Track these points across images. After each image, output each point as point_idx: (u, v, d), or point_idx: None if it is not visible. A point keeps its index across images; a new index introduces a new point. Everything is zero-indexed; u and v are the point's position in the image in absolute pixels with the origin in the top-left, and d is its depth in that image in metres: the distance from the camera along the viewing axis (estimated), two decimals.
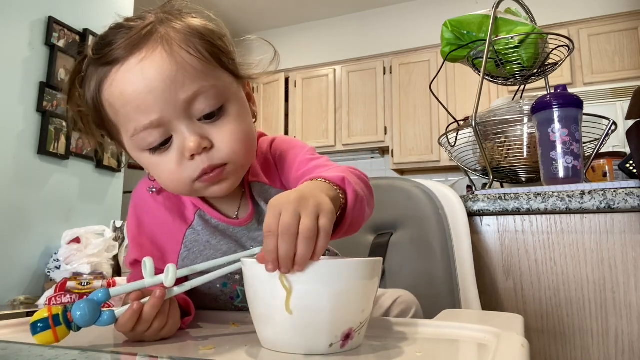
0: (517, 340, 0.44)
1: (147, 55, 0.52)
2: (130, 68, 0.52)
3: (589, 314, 0.90)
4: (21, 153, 2.09)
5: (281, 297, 0.41)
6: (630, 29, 3.38)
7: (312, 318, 0.41)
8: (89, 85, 0.56)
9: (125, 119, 0.54)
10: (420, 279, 0.91)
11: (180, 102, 0.53)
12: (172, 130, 0.54)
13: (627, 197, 0.87)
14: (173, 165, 0.55)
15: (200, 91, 0.54)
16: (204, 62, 0.55)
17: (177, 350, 0.47)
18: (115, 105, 0.54)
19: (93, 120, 0.58)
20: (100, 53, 0.54)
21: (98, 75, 0.54)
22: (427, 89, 3.76)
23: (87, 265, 1.92)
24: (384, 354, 0.45)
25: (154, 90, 0.52)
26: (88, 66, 0.56)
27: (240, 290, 0.67)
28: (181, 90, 0.53)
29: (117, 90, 0.53)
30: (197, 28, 0.57)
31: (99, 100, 0.55)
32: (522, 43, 1.15)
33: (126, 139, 0.56)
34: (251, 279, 0.44)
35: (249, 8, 4.32)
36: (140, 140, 0.54)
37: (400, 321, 0.57)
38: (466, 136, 1.23)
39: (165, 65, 0.52)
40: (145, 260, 0.50)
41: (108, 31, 0.56)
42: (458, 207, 0.94)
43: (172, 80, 0.52)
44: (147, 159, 0.57)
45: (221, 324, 0.60)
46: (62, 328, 0.44)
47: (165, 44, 0.53)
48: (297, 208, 0.42)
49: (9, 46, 2.07)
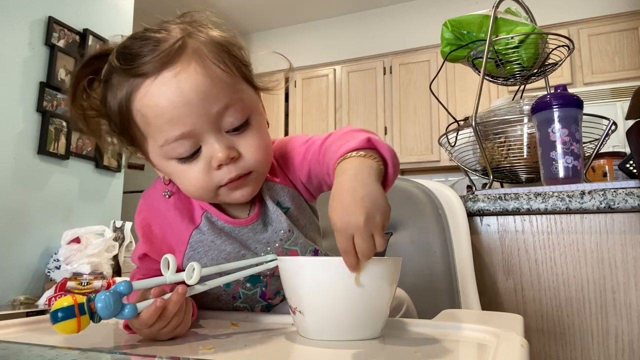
0: (516, 340, 0.44)
1: (181, 70, 0.54)
2: (166, 81, 0.54)
3: (589, 314, 0.90)
4: (21, 153, 2.09)
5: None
6: (630, 29, 3.38)
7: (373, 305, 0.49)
8: (115, 92, 0.57)
9: (157, 129, 0.55)
10: (420, 279, 0.91)
11: (212, 115, 0.55)
12: (201, 141, 0.56)
13: (627, 197, 0.87)
14: (200, 174, 0.57)
15: (230, 104, 0.56)
16: (233, 76, 0.58)
17: (177, 350, 0.46)
18: (147, 116, 0.55)
19: (115, 125, 0.59)
20: (130, 64, 0.55)
21: (130, 85, 0.55)
22: (427, 89, 3.76)
23: (87, 265, 1.92)
24: (383, 354, 0.45)
25: (188, 103, 0.54)
26: (112, 74, 0.57)
27: (242, 292, 0.68)
28: (214, 103, 0.55)
29: (151, 102, 0.54)
30: (223, 42, 0.60)
31: (128, 109, 0.56)
32: (522, 43, 1.15)
33: (153, 148, 0.58)
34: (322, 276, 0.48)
35: (249, 8, 4.32)
36: (170, 151, 0.56)
37: (400, 321, 0.57)
38: (466, 136, 1.23)
39: (199, 80, 0.54)
40: (168, 257, 0.51)
41: (132, 41, 0.57)
42: (458, 207, 0.94)
43: (206, 94, 0.55)
44: (173, 167, 0.58)
45: (221, 324, 0.60)
46: (86, 318, 0.44)
47: (198, 59, 0.55)
48: (369, 231, 0.46)
49: (9, 46, 2.07)
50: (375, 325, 0.50)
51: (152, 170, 0.65)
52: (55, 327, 0.43)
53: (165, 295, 0.50)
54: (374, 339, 0.49)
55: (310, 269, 0.49)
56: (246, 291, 0.68)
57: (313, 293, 0.48)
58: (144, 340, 0.50)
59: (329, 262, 0.50)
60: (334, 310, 0.48)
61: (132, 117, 0.56)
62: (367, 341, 0.48)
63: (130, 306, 0.47)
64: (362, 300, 0.48)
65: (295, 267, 0.50)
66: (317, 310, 0.49)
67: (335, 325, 0.48)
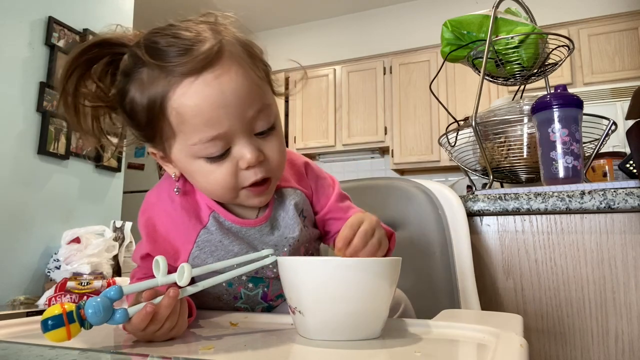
0: (516, 340, 0.44)
1: (223, 73, 0.55)
2: (208, 83, 0.54)
3: (589, 314, 0.90)
4: (21, 153, 2.09)
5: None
6: (630, 29, 3.38)
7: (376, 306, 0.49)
8: (145, 87, 0.56)
9: (192, 129, 0.55)
10: (420, 279, 0.91)
11: (247, 119, 0.57)
12: (232, 142, 0.57)
13: (627, 197, 0.87)
14: (227, 174, 0.58)
15: (262, 109, 0.58)
16: (264, 82, 0.61)
17: (176, 350, 0.46)
18: (184, 115, 0.55)
19: (133, 119, 0.59)
20: (165, 61, 0.55)
21: (167, 83, 0.55)
22: (427, 89, 3.76)
23: (87, 265, 1.92)
24: (383, 354, 0.45)
25: (228, 105, 0.55)
26: (139, 67, 0.57)
27: (243, 292, 0.68)
28: (250, 107, 0.57)
29: (191, 101, 0.54)
30: (249, 47, 0.61)
31: (162, 106, 0.56)
32: (522, 43, 1.15)
33: (181, 146, 0.58)
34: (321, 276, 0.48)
35: (250, 8, 4.32)
36: (201, 150, 0.57)
37: (400, 321, 0.57)
38: (466, 136, 1.23)
39: (240, 83, 0.56)
40: (159, 259, 0.50)
41: (160, 37, 0.56)
42: (458, 208, 0.94)
43: (245, 98, 0.56)
44: (199, 165, 0.58)
45: (221, 324, 0.60)
46: (75, 325, 0.44)
47: (237, 63, 0.57)
48: (374, 227, 0.58)
49: (9, 46, 2.07)
50: (375, 325, 0.50)
51: (152, 171, 0.65)
52: (46, 335, 0.43)
53: (159, 297, 0.49)
54: (373, 339, 0.49)
55: (310, 269, 0.49)
56: (248, 292, 0.68)
57: (313, 293, 0.48)
58: (142, 341, 0.50)
59: (329, 262, 0.50)
60: (333, 310, 0.48)
61: (166, 114, 0.56)
62: (367, 341, 0.48)
63: (121, 311, 0.46)
64: (362, 301, 0.48)
65: (295, 267, 0.50)
66: (317, 310, 0.48)
67: (335, 325, 0.48)
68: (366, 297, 0.48)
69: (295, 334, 0.52)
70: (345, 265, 0.48)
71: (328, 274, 0.48)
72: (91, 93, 0.61)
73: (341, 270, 0.47)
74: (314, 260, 0.52)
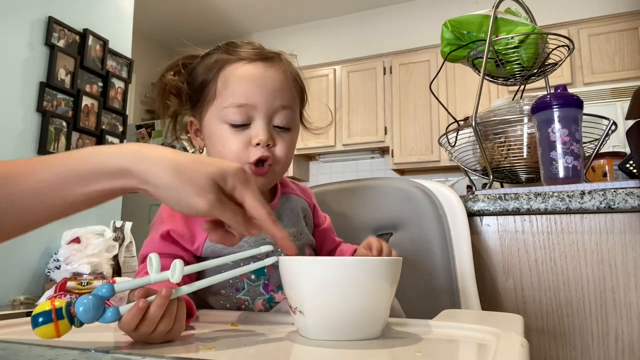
0: (516, 340, 0.44)
1: (272, 66, 0.71)
2: (257, 67, 0.70)
3: (589, 314, 0.90)
4: (21, 153, 2.09)
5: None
6: (630, 29, 3.38)
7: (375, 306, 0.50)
8: (208, 62, 0.73)
9: (230, 93, 0.69)
10: (420, 279, 0.91)
11: (273, 105, 0.69)
12: (253, 119, 0.69)
13: (627, 197, 0.87)
14: (240, 144, 0.68)
15: (287, 107, 0.71)
16: (297, 94, 0.75)
17: (177, 350, 0.46)
18: (229, 81, 0.70)
19: (195, 84, 0.73)
20: (232, 49, 0.72)
21: (225, 60, 0.71)
22: (427, 89, 3.76)
23: (87, 265, 1.91)
24: (383, 354, 0.45)
25: (264, 86, 0.69)
26: (212, 53, 0.74)
27: (246, 282, 0.69)
28: (280, 98, 0.70)
29: (238, 72, 0.70)
30: (301, 78, 0.79)
31: (216, 73, 0.71)
32: (522, 43, 1.15)
33: (215, 109, 0.70)
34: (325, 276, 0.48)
35: (249, 8, 4.32)
36: (229, 114, 0.69)
37: (400, 321, 0.57)
38: (466, 136, 1.23)
39: (281, 78, 0.71)
40: (152, 256, 0.50)
41: (239, 42, 0.74)
42: (458, 207, 0.94)
43: (279, 89, 0.70)
44: (222, 130, 0.70)
45: (221, 323, 0.60)
46: (65, 322, 0.43)
47: (284, 70, 0.73)
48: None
49: (9, 46, 2.07)
50: (376, 325, 0.50)
51: None
52: (35, 331, 0.42)
53: (153, 296, 0.48)
54: (374, 339, 0.49)
55: (311, 268, 0.49)
56: (250, 282, 0.69)
57: (314, 293, 0.48)
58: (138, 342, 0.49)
59: (329, 261, 0.50)
60: (334, 310, 0.48)
61: (216, 79, 0.71)
62: (367, 341, 0.48)
63: (112, 309, 0.45)
64: (363, 300, 0.48)
65: (296, 267, 0.50)
66: (318, 310, 0.48)
67: (335, 325, 0.48)
68: (367, 296, 0.48)
69: (295, 334, 0.52)
70: (346, 265, 0.48)
71: (329, 273, 0.48)
72: (175, 83, 0.76)
73: (342, 270, 0.47)
74: (314, 259, 0.52)
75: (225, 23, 4.53)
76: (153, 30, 4.53)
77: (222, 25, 4.55)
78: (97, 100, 2.46)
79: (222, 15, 4.39)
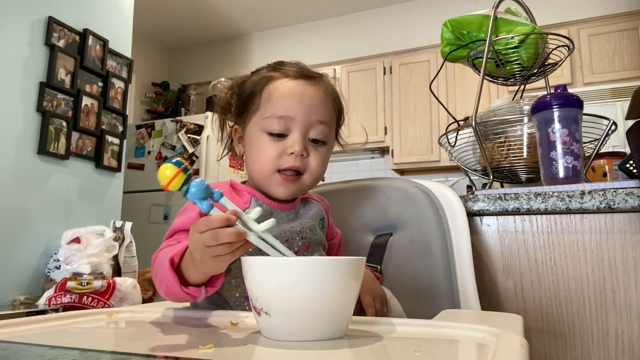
0: (516, 340, 0.44)
1: (313, 84, 0.77)
2: (299, 84, 0.77)
3: (589, 314, 0.90)
4: (21, 153, 2.09)
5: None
6: (630, 29, 3.38)
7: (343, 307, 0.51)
8: (256, 77, 0.79)
9: (272, 105, 0.75)
10: (420, 279, 0.91)
11: (309, 120, 0.75)
12: (290, 131, 0.75)
13: (627, 197, 0.87)
14: (275, 152, 0.74)
15: (323, 122, 0.77)
16: (334, 112, 0.81)
17: (177, 350, 0.46)
18: (272, 94, 0.76)
19: (243, 96, 0.80)
20: (279, 67, 0.79)
21: (272, 77, 0.78)
22: (427, 89, 3.76)
23: (87, 265, 1.91)
24: (383, 354, 0.45)
25: (303, 101, 0.75)
26: (261, 70, 0.81)
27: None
28: (317, 114, 0.76)
29: (281, 87, 0.76)
30: (341, 99, 0.84)
31: (262, 87, 0.77)
32: (522, 43, 1.15)
33: (257, 118, 0.76)
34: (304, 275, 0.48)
35: (249, 8, 4.32)
36: (269, 124, 0.75)
37: (400, 321, 0.57)
38: (466, 136, 1.23)
39: (320, 95, 0.77)
40: (257, 208, 0.56)
41: (287, 62, 0.81)
42: (458, 208, 0.94)
43: (317, 105, 0.76)
44: (262, 138, 0.75)
45: (221, 323, 0.60)
46: (182, 177, 0.49)
47: (325, 90, 0.79)
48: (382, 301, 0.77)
49: (9, 46, 2.07)
50: (342, 324, 0.51)
51: (152, 171, 0.66)
52: (162, 166, 0.49)
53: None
54: (374, 339, 0.49)
55: (275, 268, 0.49)
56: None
57: (280, 294, 0.48)
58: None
59: (294, 261, 0.50)
60: (300, 310, 0.48)
61: (262, 92, 0.77)
62: (368, 341, 0.48)
63: (217, 193, 0.52)
64: (330, 299, 0.48)
65: (261, 267, 0.50)
66: (284, 310, 0.49)
67: (302, 324, 0.49)
68: (334, 295, 0.49)
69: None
70: (311, 264, 0.49)
71: (296, 274, 0.48)
72: (223, 97, 0.84)
73: (307, 269, 0.48)
74: (279, 260, 0.52)
75: (225, 23, 4.53)
76: (153, 30, 4.53)
77: (222, 26, 4.55)
78: (97, 100, 2.46)
79: (222, 15, 4.39)
